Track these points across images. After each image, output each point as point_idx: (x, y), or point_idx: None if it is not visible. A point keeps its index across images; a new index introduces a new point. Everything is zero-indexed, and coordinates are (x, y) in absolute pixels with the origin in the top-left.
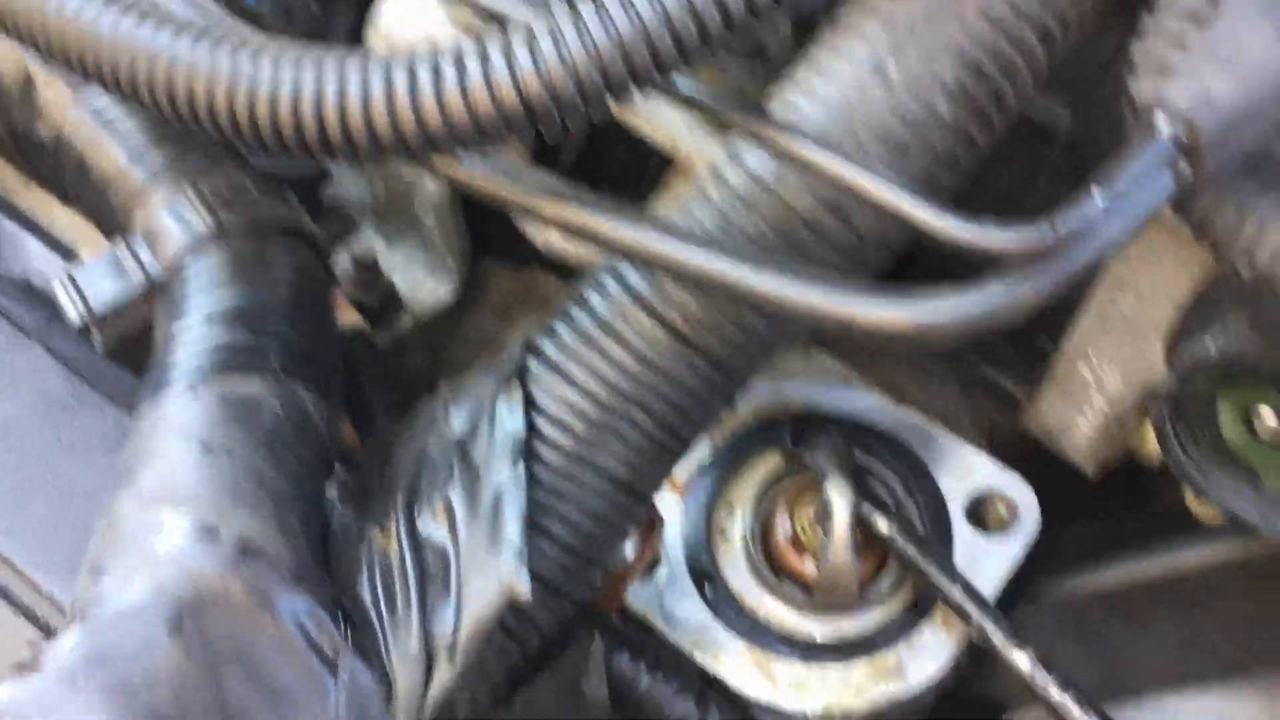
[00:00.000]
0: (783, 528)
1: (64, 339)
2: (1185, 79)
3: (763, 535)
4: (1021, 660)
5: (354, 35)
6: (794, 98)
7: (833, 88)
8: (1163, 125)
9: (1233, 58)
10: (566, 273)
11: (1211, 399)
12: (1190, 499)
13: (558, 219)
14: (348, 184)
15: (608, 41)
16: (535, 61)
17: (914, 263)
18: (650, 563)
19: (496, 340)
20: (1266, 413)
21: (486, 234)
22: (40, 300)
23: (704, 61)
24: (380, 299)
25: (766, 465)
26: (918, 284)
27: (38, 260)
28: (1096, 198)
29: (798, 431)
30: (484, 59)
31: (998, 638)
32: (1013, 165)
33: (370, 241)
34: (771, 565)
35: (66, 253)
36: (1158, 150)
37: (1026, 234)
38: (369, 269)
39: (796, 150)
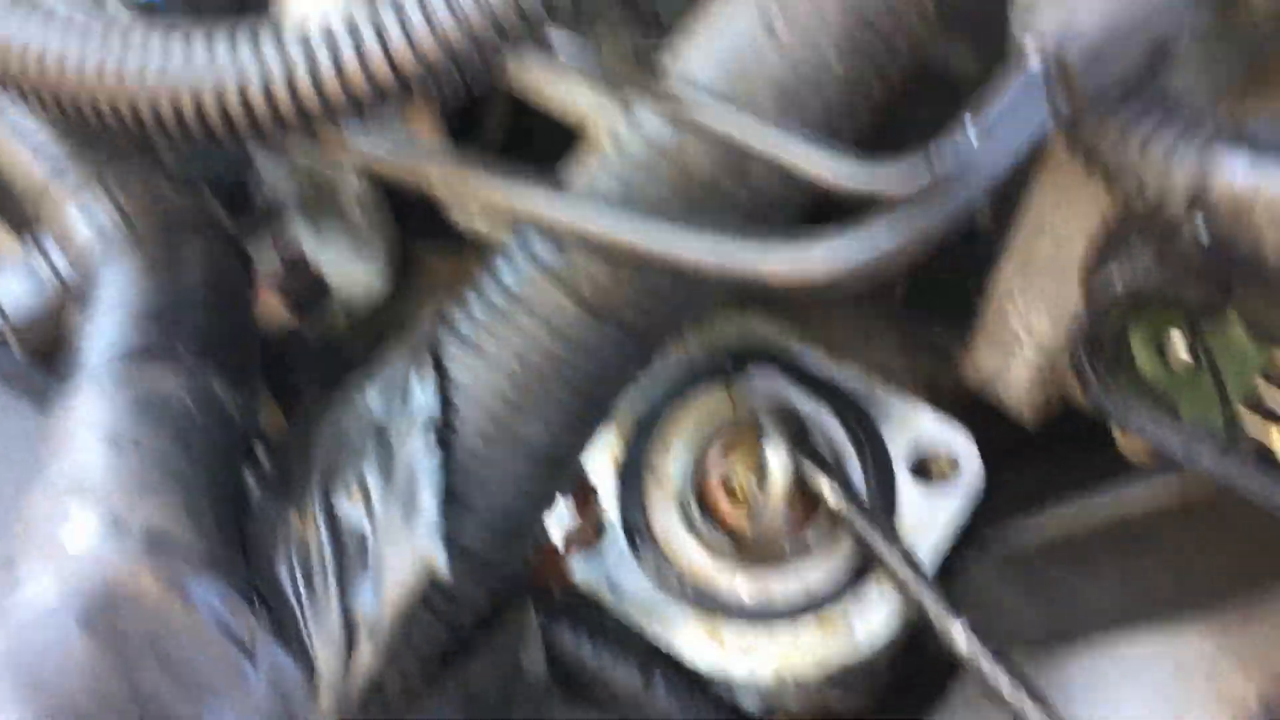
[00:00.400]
0: (717, 472)
1: None
2: (1051, 9)
3: (696, 478)
4: (957, 633)
5: None
6: (687, 60)
7: (724, 46)
8: (1032, 55)
9: None
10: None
11: (1124, 332)
12: (1118, 436)
13: (451, 187)
14: (273, 179)
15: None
16: (405, 30)
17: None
18: (591, 535)
19: None
20: (1177, 341)
21: (418, 221)
22: None
23: (599, 29)
24: (309, 291)
25: (706, 403)
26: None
27: None
28: (970, 130)
29: (739, 365)
30: (352, 31)
31: (933, 609)
32: (927, 121)
33: (297, 235)
34: (703, 509)
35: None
36: (1028, 80)
37: (904, 171)
38: (296, 262)
39: (688, 111)
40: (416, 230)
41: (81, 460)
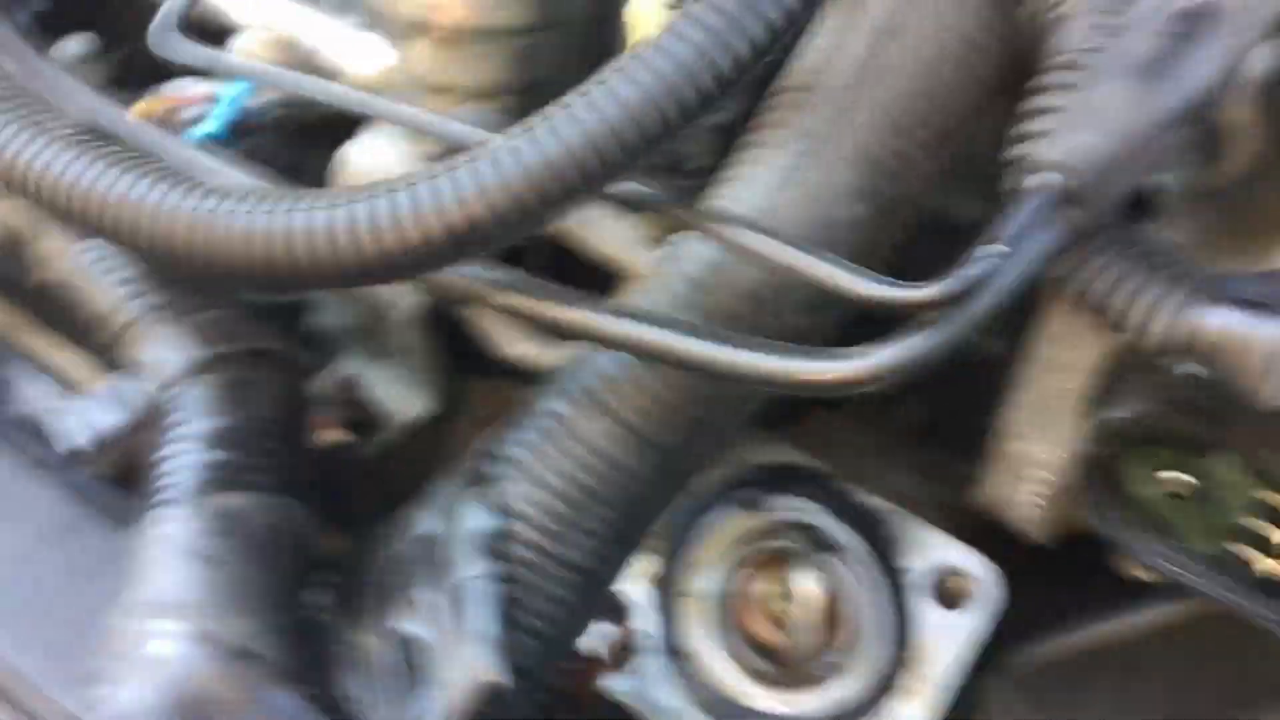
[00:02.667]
0: (750, 591)
1: (66, 468)
2: (1061, 136)
3: (728, 596)
4: None
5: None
6: (723, 199)
7: (751, 196)
8: (1044, 177)
9: (1096, 116)
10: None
11: (1125, 462)
12: (1122, 560)
13: (510, 306)
14: (328, 310)
15: (541, 163)
16: (477, 184)
17: None
18: (626, 650)
19: None
20: (1175, 472)
21: (467, 352)
22: (43, 435)
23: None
24: (360, 413)
25: (738, 524)
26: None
27: (42, 398)
28: (991, 249)
29: (768, 488)
30: (414, 195)
31: None
32: (937, 260)
33: (351, 363)
34: (735, 627)
35: (70, 389)
36: (1041, 200)
37: (937, 287)
38: (350, 389)
39: (732, 236)
40: (461, 364)
41: (170, 578)
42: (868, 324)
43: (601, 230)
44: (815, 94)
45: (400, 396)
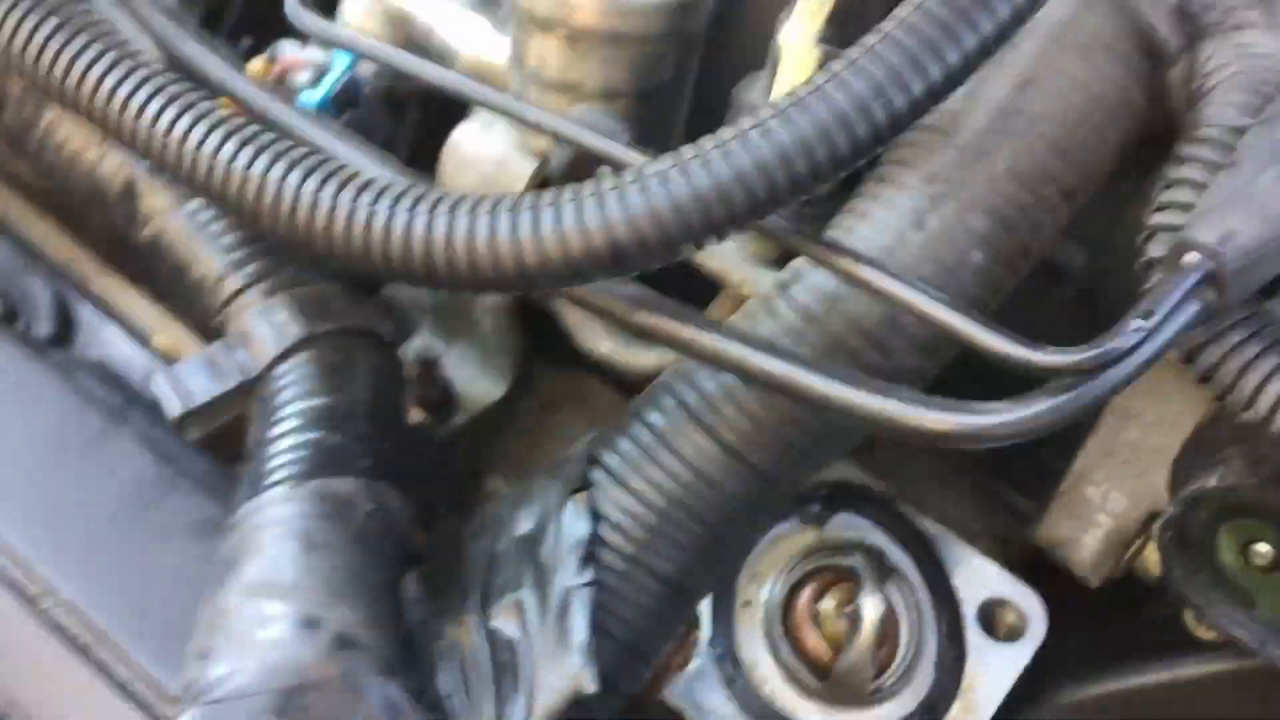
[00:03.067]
0: (806, 606)
1: (145, 424)
2: (1211, 220)
3: (785, 610)
4: None
5: (415, 145)
6: (846, 236)
7: (875, 234)
8: (1192, 260)
9: (1251, 202)
10: (608, 376)
11: (1211, 529)
12: (1189, 619)
13: (647, 325)
14: (405, 286)
15: (691, 196)
16: (626, 211)
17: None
18: (686, 656)
19: (538, 436)
20: (1262, 544)
21: (536, 337)
22: (118, 384)
23: None
24: (439, 397)
25: (798, 539)
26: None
27: (115, 345)
28: (1137, 324)
29: (829, 506)
30: (579, 206)
31: None
32: (1029, 299)
33: (431, 341)
34: (789, 641)
35: (141, 338)
36: (1188, 282)
37: (1077, 354)
38: (430, 368)
39: (865, 274)
40: (532, 347)
41: (275, 561)
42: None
43: (714, 246)
44: (949, 138)
45: (475, 378)
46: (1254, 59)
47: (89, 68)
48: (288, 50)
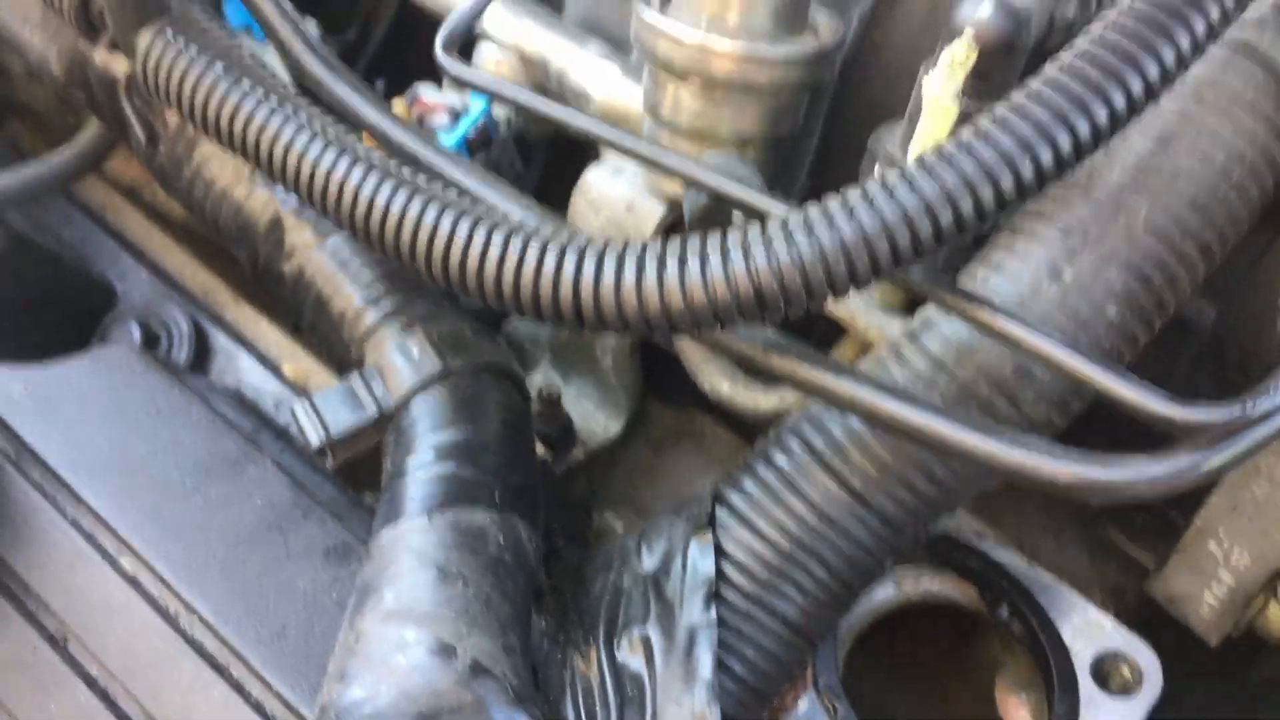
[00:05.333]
0: None
1: (277, 449)
2: None
3: None
4: None
5: (541, 185)
6: (981, 286)
7: (1010, 285)
8: None
9: None
10: (723, 416)
11: None
12: None
13: (780, 369)
14: (527, 322)
15: (836, 247)
16: (770, 261)
17: None
18: (795, 697)
19: (652, 473)
20: None
21: (651, 374)
22: (251, 411)
23: None
24: (560, 432)
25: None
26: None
27: (247, 372)
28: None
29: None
30: (724, 255)
31: None
32: (1158, 351)
33: (551, 378)
34: None
35: (272, 366)
36: None
37: (1223, 412)
38: (553, 403)
39: (999, 324)
40: (648, 384)
41: (412, 588)
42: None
43: None
44: (1087, 192)
45: (594, 415)
46: None
47: (236, 102)
48: (427, 93)
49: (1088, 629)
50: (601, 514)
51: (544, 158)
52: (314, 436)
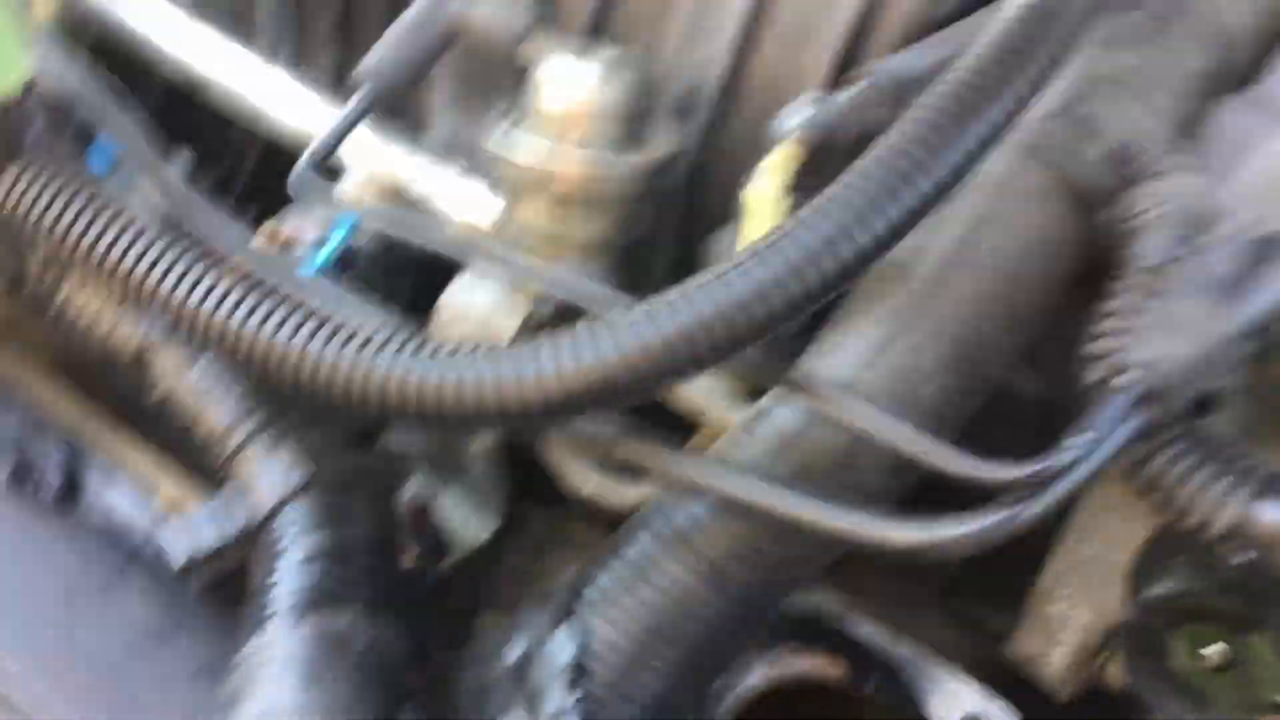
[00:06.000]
0: None
1: (148, 575)
2: (1140, 344)
3: None
4: None
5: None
6: (816, 369)
7: (840, 367)
8: (1125, 381)
9: (1175, 328)
10: (594, 516)
11: (1164, 632)
12: None
13: (628, 457)
14: (399, 432)
15: (666, 339)
16: (604, 354)
17: None
18: None
19: (528, 576)
20: (1212, 646)
21: (523, 479)
22: (122, 539)
23: None
24: (431, 539)
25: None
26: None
27: (119, 501)
28: (1077, 442)
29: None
30: (564, 351)
31: None
32: (995, 425)
33: (424, 486)
34: None
35: (147, 493)
36: (1122, 402)
37: (1024, 470)
38: (422, 512)
39: (830, 405)
40: (521, 489)
41: (276, 694)
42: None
43: (690, 386)
44: (908, 276)
45: (466, 521)
46: (1178, 200)
47: (100, 235)
48: (292, 218)
49: (950, 696)
50: (482, 618)
51: (414, 275)
52: (178, 556)
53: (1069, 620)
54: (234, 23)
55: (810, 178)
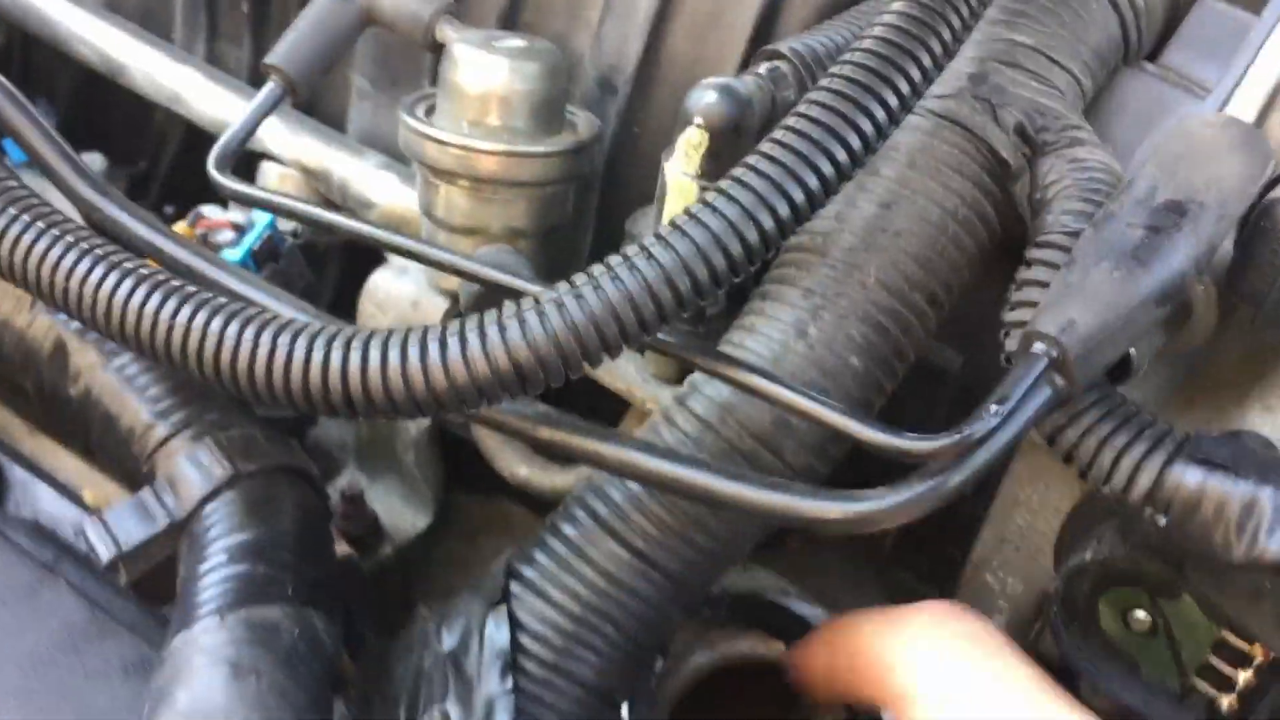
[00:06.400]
0: None
1: (76, 574)
2: (1053, 312)
3: None
4: None
5: (337, 293)
6: (736, 349)
7: (762, 346)
8: (1039, 349)
9: (1086, 295)
10: (529, 502)
11: (1092, 598)
12: (1084, 689)
13: (555, 441)
14: (330, 426)
15: (584, 319)
16: (525, 335)
17: None
18: None
19: (465, 563)
20: (1139, 610)
21: (457, 467)
22: (50, 540)
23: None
24: (365, 529)
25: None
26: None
27: (45, 502)
28: (993, 409)
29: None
30: (482, 334)
31: None
32: (915, 400)
33: (355, 477)
34: None
35: (72, 495)
36: (1036, 369)
37: (943, 441)
38: (355, 502)
39: (749, 381)
40: (453, 477)
41: (205, 688)
42: (858, 464)
43: (617, 366)
44: (823, 255)
45: (400, 511)
46: (1084, 171)
47: (15, 234)
48: (209, 212)
49: None
50: (418, 606)
51: (337, 266)
52: (104, 552)
53: (1003, 591)
54: (148, 17)
55: (718, 160)
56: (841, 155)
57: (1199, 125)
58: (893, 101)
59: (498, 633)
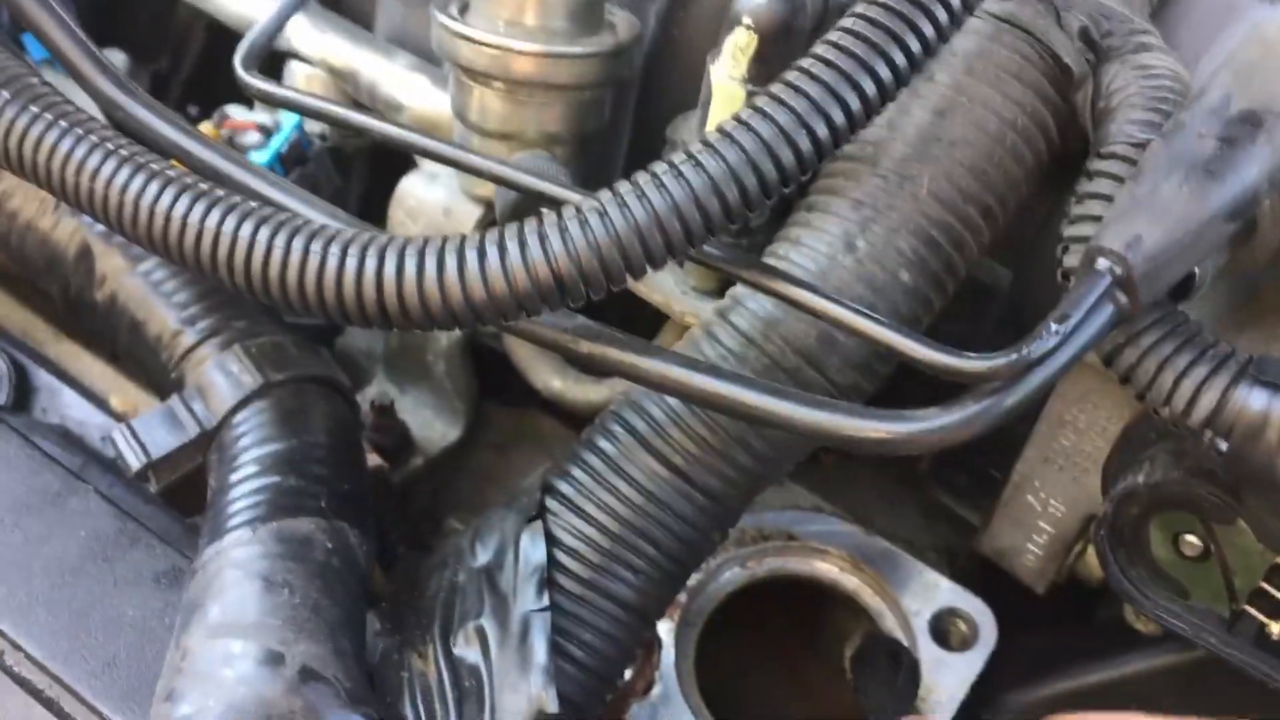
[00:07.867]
0: None
1: (104, 481)
2: (1118, 227)
3: None
4: None
5: (364, 199)
6: (782, 262)
7: (808, 259)
8: (1103, 266)
9: (1154, 209)
10: (560, 414)
11: (1142, 523)
12: (1129, 613)
13: (594, 355)
14: (358, 334)
15: (628, 229)
16: (567, 245)
17: None
18: (649, 682)
19: (496, 476)
20: (1191, 535)
21: (486, 378)
22: (78, 445)
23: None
24: (396, 440)
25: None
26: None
27: (72, 408)
28: (1054, 328)
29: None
30: (522, 243)
31: None
32: (962, 317)
33: (384, 387)
34: None
35: (99, 401)
36: (1100, 287)
37: (1000, 360)
38: (386, 413)
39: (800, 296)
40: (484, 388)
41: (238, 600)
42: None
43: (655, 278)
44: (874, 165)
45: (431, 422)
46: (1152, 78)
47: (39, 135)
48: (236, 112)
49: (924, 590)
50: (448, 519)
51: (365, 170)
52: (133, 460)
53: (1045, 512)
54: None
55: (767, 65)
56: (900, 59)
57: (1275, 30)
58: (954, 1)
59: (533, 549)
